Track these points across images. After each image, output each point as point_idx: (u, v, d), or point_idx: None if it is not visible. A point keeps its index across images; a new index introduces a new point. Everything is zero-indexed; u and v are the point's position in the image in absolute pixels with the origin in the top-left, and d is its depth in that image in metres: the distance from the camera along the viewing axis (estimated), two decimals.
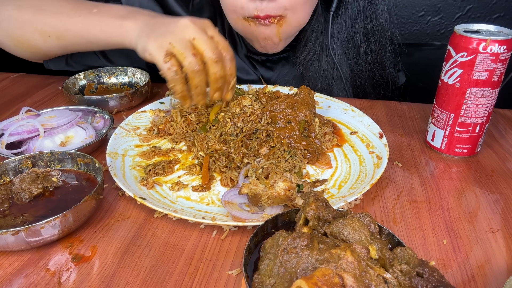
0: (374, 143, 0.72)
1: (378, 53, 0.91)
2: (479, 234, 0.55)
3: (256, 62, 0.99)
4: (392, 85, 0.97)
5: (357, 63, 0.92)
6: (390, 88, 0.97)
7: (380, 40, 0.90)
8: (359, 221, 0.38)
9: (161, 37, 0.63)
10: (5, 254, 0.52)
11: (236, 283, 0.47)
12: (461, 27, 0.67)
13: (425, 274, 0.35)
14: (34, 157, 0.62)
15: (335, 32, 0.89)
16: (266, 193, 0.53)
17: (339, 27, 0.89)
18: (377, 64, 0.92)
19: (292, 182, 0.54)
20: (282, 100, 0.72)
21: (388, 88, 0.96)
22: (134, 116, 0.81)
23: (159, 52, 0.62)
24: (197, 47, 0.62)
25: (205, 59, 0.63)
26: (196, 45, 0.62)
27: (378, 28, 0.89)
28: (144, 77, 0.96)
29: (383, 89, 0.97)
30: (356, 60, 0.92)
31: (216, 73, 0.64)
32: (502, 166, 0.70)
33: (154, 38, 0.64)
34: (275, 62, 0.99)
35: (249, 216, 0.54)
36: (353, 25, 0.88)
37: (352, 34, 0.89)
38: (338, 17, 0.88)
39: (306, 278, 0.32)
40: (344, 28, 0.89)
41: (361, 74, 0.93)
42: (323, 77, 0.92)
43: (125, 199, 0.61)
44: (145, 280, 0.48)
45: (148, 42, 0.64)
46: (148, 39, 0.65)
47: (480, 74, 0.64)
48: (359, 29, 0.89)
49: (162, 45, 0.62)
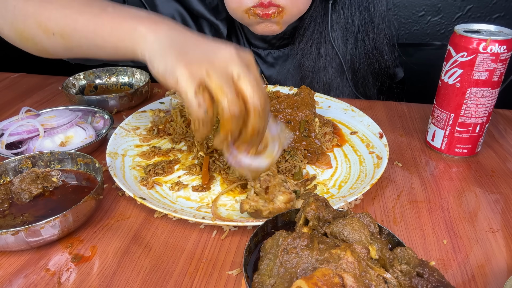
0: (374, 143, 0.72)
1: (376, 41, 0.92)
2: (479, 234, 0.55)
3: (259, 56, 1.00)
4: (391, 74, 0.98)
5: (356, 51, 0.92)
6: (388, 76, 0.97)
7: (377, 27, 0.91)
8: (359, 221, 0.38)
9: (196, 64, 0.50)
10: (5, 254, 0.51)
11: (236, 283, 0.47)
12: (461, 27, 0.67)
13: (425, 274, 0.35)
14: (34, 157, 0.62)
15: (334, 20, 0.89)
16: (267, 208, 0.54)
17: (337, 15, 0.89)
18: (375, 52, 0.93)
19: (291, 193, 0.55)
20: (282, 100, 0.72)
21: (387, 75, 0.97)
22: (134, 116, 0.81)
23: (191, 83, 0.48)
24: (241, 89, 0.49)
25: (248, 106, 0.49)
26: (240, 86, 0.49)
27: (375, 16, 0.90)
28: (144, 77, 0.96)
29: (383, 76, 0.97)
30: (354, 47, 0.92)
31: (254, 127, 0.50)
32: (502, 166, 0.70)
33: (186, 64, 0.50)
34: (277, 58, 1.00)
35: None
36: (351, 13, 0.89)
37: (350, 22, 0.90)
38: (336, 5, 0.89)
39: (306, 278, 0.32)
40: (342, 16, 0.89)
41: (360, 62, 0.94)
42: (323, 66, 0.93)
43: (125, 199, 0.61)
44: (145, 280, 0.48)
45: (178, 67, 0.49)
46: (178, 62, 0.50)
47: (480, 74, 0.64)
48: (357, 17, 0.89)
49: (195, 74, 0.49)
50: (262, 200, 0.54)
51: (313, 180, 0.64)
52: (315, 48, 0.92)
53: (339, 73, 0.94)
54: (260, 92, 0.49)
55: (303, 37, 0.92)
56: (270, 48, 0.99)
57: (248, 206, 0.54)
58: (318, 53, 0.92)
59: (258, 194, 0.56)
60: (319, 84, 0.95)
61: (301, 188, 0.60)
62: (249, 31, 0.97)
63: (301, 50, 0.93)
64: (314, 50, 0.92)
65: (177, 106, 0.80)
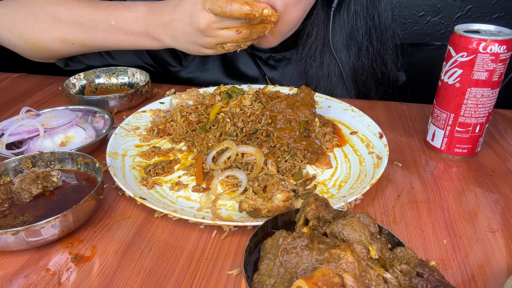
0: (374, 143, 0.72)
1: (380, 50, 0.92)
2: (479, 234, 0.55)
3: (260, 59, 1.00)
4: (393, 83, 0.97)
5: (359, 60, 0.92)
6: (391, 85, 0.97)
7: (382, 37, 0.90)
8: (359, 221, 0.38)
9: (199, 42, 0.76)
10: (5, 254, 0.52)
11: (236, 283, 0.47)
12: (461, 27, 0.67)
13: (425, 274, 0.35)
14: (34, 157, 0.62)
15: (337, 28, 0.89)
16: (266, 207, 0.54)
17: (341, 23, 0.89)
18: (379, 61, 0.93)
19: (289, 191, 0.55)
20: (282, 100, 0.72)
21: (389, 85, 0.97)
22: (134, 116, 0.81)
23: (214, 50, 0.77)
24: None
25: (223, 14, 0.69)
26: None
27: (380, 25, 0.89)
28: (144, 77, 0.96)
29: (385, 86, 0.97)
30: (357, 56, 0.92)
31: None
32: (502, 166, 0.70)
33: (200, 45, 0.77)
34: (279, 61, 0.99)
35: None
36: (356, 21, 0.88)
37: (354, 30, 0.89)
38: (340, 13, 0.88)
39: (306, 278, 0.32)
40: (347, 25, 0.89)
41: (363, 71, 0.94)
42: (326, 74, 0.93)
43: (125, 199, 0.61)
44: (145, 280, 0.48)
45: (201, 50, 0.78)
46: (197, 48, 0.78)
47: (480, 74, 0.64)
48: (361, 26, 0.89)
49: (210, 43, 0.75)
50: (260, 199, 0.54)
51: (313, 180, 0.64)
52: (319, 55, 0.91)
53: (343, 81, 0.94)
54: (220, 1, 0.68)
55: (306, 44, 0.92)
56: (271, 51, 0.99)
57: (247, 205, 0.55)
58: (322, 61, 0.92)
59: (257, 193, 0.56)
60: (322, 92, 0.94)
61: (300, 187, 0.60)
62: None
63: (305, 57, 0.93)
64: (318, 57, 0.92)
65: (177, 106, 0.81)
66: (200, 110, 0.78)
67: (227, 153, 0.66)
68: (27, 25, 0.79)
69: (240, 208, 0.55)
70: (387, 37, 0.91)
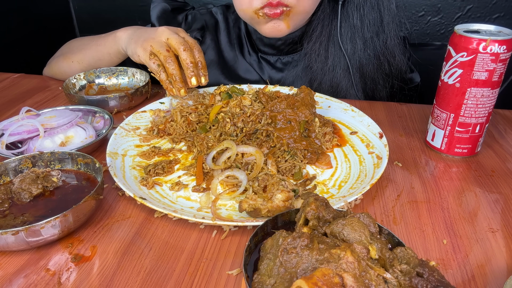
0: (374, 143, 0.72)
1: (386, 41, 0.91)
2: (479, 234, 0.55)
3: (268, 63, 1.00)
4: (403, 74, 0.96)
5: (365, 52, 0.92)
6: (400, 78, 0.96)
7: (388, 27, 0.90)
8: (359, 221, 0.38)
9: (145, 42, 0.81)
10: (5, 254, 0.52)
11: (236, 283, 0.47)
12: (461, 27, 0.67)
13: (425, 274, 0.35)
14: (34, 157, 0.62)
15: (343, 21, 0.89)
16: (266, 207, 0.54)
17: (345, 16, 0.89)
18: (386, 53, 0.92)
19: (289, 191, 0.55)
20: (282, 100, 0.72)
21: (398, 77, 0.95)
22: (134, 116, 0.81)
23: (145, 54, 0.80)
24: (171, 44, 0.79)
25: (177, 52, 0.78)
26: (169, 43, 0.79)
27: (385, 15, 0.89)
28: (144, 78, 0.96)
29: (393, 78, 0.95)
30: (363, 49, 0.91)
31: (186, 60, 0.77)
32: (502, 166, 0.70)
33: (140, 44, 0.82)
34: (287, 64, 0.99)
35: None
36: (360, 13, 0.88)
37: (359, 22, 0.89)
38: (345, 6, 0.88)
39: (306, 278, 0.32)
40: (351, 18, 0.89)
41: (369, 64, 0.93)
42: (331, 67, 0.92)
43: (125, 199, 0.61)
44: (145, 280, 0.48)
45: (137, 48, 0.83)
46: (136, 45, 0.83)
47: (480, 74, 0.64)
48: (366, 17, 0.89)
49: (146, 48, 0.80)
50: (260, 199, 0.54)
51: (313, 180, 0.64)
52: (323, 49, 0.92)
53: (348, 75, 0.94)
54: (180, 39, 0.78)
55: (311, 39, 0.92)
56: (278, 54, 0.99)
57: (247, 205, 0.55)
58: (327, 55, 0.92)
59: (257, 193, 0.56)
60: (327, 86, 0.94)
61: (300, 187, 0.60)
62: (257, 39, 0.97)
63: (309, 51, 0.93)
64: (323, 52, 0.92)
65: (177, 106, 0.81)
66: (200, 110, 0.78)
67: (227, 153, 0.66)
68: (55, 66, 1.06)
69: (240, 208, 0.55)
70: (393, 27, 0.90)
